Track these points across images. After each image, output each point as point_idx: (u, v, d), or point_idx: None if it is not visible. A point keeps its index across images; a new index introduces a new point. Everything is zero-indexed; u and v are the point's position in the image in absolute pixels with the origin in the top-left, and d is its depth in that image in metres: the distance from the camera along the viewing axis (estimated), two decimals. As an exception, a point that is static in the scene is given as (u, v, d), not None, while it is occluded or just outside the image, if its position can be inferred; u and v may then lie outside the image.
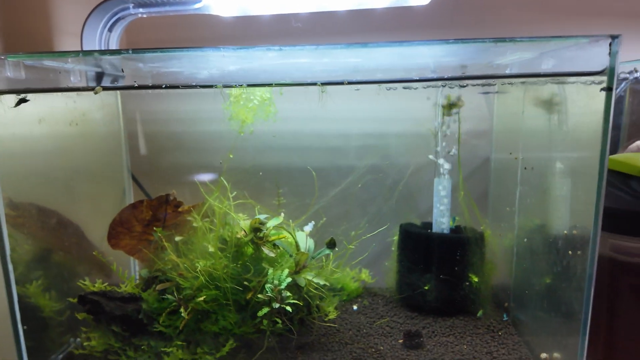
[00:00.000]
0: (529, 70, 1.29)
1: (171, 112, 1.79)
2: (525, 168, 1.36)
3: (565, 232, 1.15)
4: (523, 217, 1.41)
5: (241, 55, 0.98)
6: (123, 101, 1.71)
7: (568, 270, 1.13)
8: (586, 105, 1.07)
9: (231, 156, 1.45)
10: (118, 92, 1.70)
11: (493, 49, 1.19)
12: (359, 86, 1.65)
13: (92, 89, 1.03)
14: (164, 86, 1.02)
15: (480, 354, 1.34)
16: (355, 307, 1.65)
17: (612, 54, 0.95)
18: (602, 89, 0.98)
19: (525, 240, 1.40)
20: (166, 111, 1.80)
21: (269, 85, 0.98)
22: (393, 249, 1.72)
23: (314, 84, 0.98)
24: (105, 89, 1.04)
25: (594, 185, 1.01)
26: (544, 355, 1.25)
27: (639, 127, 1.90)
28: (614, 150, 2.03)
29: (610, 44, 0.95)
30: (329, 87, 1.60)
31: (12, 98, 1.14)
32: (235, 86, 1.02)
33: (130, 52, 0.93)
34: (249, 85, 0.99)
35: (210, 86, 1.03)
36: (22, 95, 1.05)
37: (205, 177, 1.54)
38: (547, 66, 1.23)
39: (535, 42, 0.99)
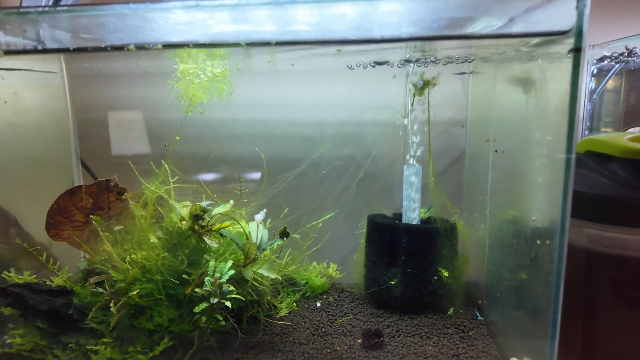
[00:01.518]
0: (499, 40, 1.17)
1: (121, 98, 1.68)
2: (495, 151, 1.23)
3: (533, 219, 1.02)
4: (494, 206, 1.28)
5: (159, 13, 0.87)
6: (70, 85, 1.59)
7: (537, 264, 1.00)
8: (558, 81, 0.94)
9: (177, 138, 1.34)
10: (65, 75, 1.58)
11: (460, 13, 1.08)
12: (324, 66, 1.54)
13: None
14: (71, 49, 0.91)
15: (446, 356, 1.21)
16: (318, 304, 1.52)
17: (580, 10, 0.82)
18: (569, 51, 0.85)
19: (497, 230, 1.27)
20: (117, 97, 1.68)
21: (186, 46, 0.86)
22: (362, 241, 1.60)
23: (238, 44, 0.85)
24: (6, 53, 0.93)
25: (562, 166, 0.88)
26: (513, 359, 1.13)
27: (634, 114, 1.77)
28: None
29: (577, -1, 0.82)
30: (298, 68, 1.49)
31: None
32: (148, 47, 0.89)
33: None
34: (164, 46, 0.87)
35: (121, 48, 0.91)
36: None
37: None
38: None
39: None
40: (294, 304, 1.48)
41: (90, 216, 1.30)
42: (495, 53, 1.21)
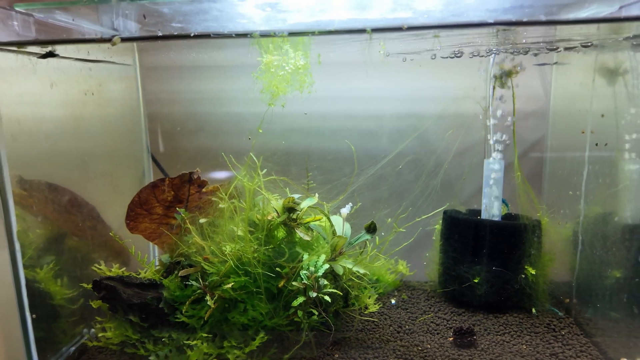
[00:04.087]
0: (605, 30, 1.12)
1: (193, 92, 1.66)
2: (596, 144, 1.19)
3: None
4: (591, 201, 1.24)
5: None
6: (142, 78, 1.58)
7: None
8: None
9: (260, 130, 1.31)
10: (137, 68, 1.57)
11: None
12: (405, 57, 1.50)
13: (108, 40, 0.90)
14: (192, 35, 0.89)
15: (543, 355, 1.17)
16: (393, 302, 1.49)
17: None
18: None
19: (594, 227, 1.22)
20: (187, 91, 1.67)
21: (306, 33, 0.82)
22: (434, 238, 1.56)
23: (363, 30, 0.82)
24: (123, 40, 0.91)
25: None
26: None
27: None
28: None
29: None
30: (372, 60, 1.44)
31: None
32: (274, 34, 0.88)
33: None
34: (290, 34, 0.84)
35: (244, 35, 0.89)
36: (50, 48, 0.91)
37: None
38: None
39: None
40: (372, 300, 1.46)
41: (177, 209, 1.29)
42: (597, 41, 1.17)
